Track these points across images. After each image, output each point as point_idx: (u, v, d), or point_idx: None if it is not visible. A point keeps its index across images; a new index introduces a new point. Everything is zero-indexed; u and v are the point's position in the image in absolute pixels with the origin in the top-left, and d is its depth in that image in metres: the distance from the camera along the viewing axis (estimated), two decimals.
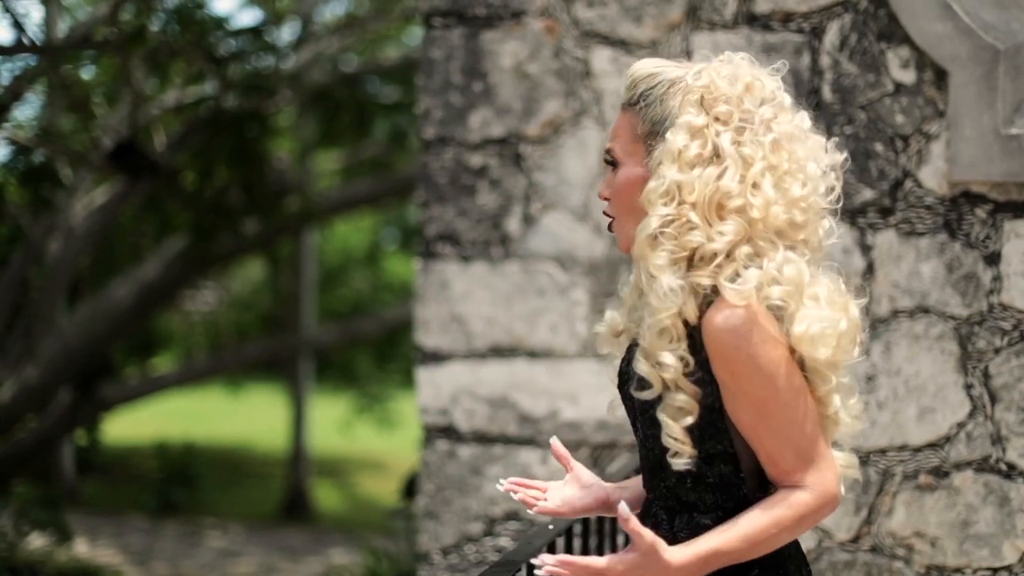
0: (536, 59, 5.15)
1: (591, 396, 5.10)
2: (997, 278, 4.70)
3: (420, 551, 5.30)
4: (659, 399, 2.58)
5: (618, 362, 2.83)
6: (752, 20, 4.93)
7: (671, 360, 2.55)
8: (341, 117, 9.78)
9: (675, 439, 2.56)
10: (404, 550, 8.57)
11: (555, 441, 2.84)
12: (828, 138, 2.69)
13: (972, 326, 4.71)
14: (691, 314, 2.53)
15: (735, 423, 2.56)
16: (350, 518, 14.38)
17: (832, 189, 2.64)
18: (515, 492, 2.85)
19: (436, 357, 5.24)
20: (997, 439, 4.70)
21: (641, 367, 2.60)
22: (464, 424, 5.22)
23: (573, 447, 5.12)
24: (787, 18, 4.90)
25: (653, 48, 5.04)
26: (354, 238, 16.04)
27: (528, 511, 5.09)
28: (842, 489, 2.62)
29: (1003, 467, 4.71)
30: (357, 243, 16.03)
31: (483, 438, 5.20)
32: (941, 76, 4.72)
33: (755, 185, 2.54)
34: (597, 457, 5.10)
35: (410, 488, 8.99)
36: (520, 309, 5.16)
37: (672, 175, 2.56)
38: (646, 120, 2.65)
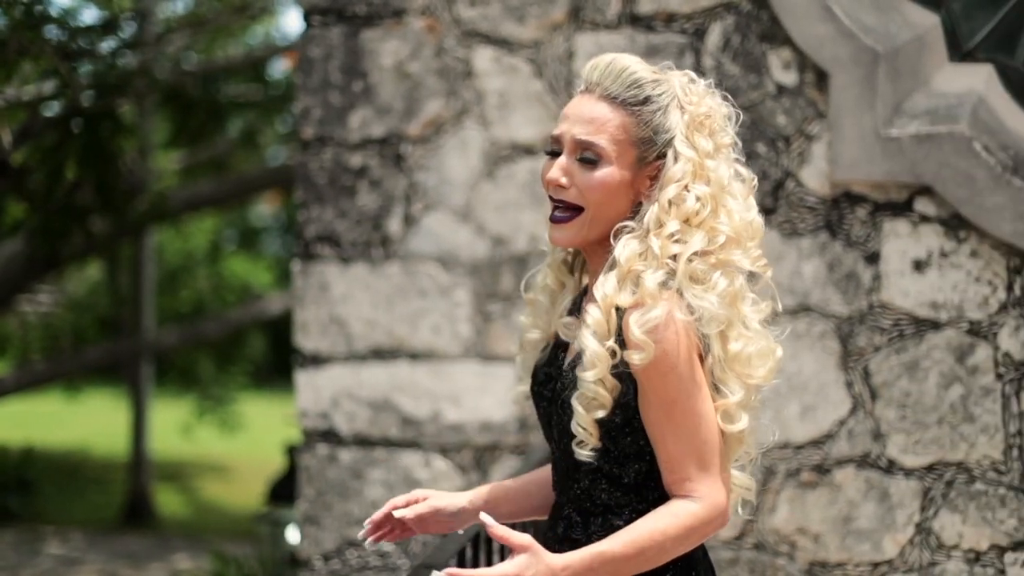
0: (417, 58, 5.09)
1: (474, 398, 5.07)
2: (877, 277, 4.78)
3: (300, 557, 5.21)
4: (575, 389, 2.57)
5: (531, 363, 2.80)
6: (635, 21, 4.94)
7: (594, 334, 2.55)
8: (194, 115, 9.60)
9: (583, 428, 2.55)
10: (269, 555, 8.44)
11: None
12: None
13: (853, 324, 4.78)
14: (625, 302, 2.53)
15: (644, 422, 2.55)
16: (194, 523, 14.13)
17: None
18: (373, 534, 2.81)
19: (316, 360, 5.16)
20: (877, 435, 4.78)
21: (590, 344, 2.56)
22: (345, 427, 5.15)
23: (456, 449, 5.09)
24: (670, 19, 4.92)
25: (535, 48, 5.02)
26: (194, 239, 15.78)
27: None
28: (734, 508, 2.65)
29: (883, 463, 4.79)
30: (197, 244, 15.77)
31: (365, 441, 5.13)
32: (822, 78, 4.79)
33: (749, 207, 2.62)
34: (480, 459, 5.07)
35: (276, 492, 8.85)
36: (401, 310, 5.11)
37: (711, 196, 2.57)
38: (648, 126, 2.61)
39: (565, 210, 2.64)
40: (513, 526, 2.78)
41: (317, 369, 5.16)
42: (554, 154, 2.68)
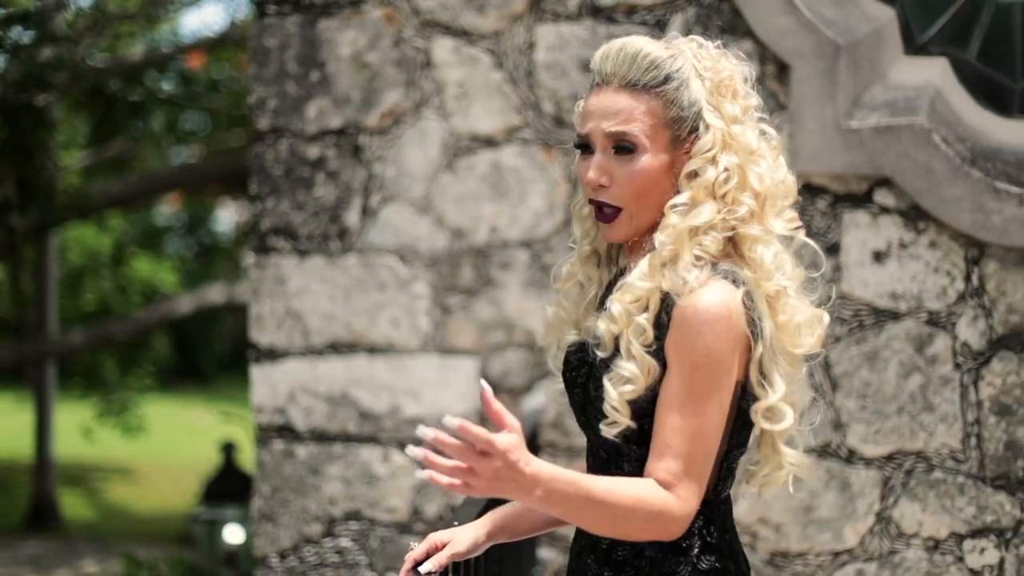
0: (376, 48, 5.04)
1: (434, 392, 5.03)
2: (837, 268, 4.81)
3: (256, 555, 5.14)
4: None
5: (562, 354, 2.76)
6: (596, 12, 4.94)
7: (619, 311, 2.50)
8: (113, 111, 9.43)
9: (613, 407, 2.50)
10: (205, 557, 8.32)
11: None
12: None
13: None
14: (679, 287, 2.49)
15: (658, 404, 2.50)
16: (100, 527, 13.93)
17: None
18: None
19: (272, 354, 5.09)
20: (838, 425, 4.81)
21: (600, 325, 2.54)
22: (301, 423, 5.08)
23: (415, 443, 5.04)
24: (631, 10, 4.92)
25: (495, 39, 5.00)
26: (98, 239, 15.53)
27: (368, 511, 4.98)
28: (786, 486, 2.64)
29: (844, 453, 4.82)
30: (101, 244, 15.52)
31: (322, 437, 5.07)
32: (783, 70, 4.81)
33: (779, 167, 2.59)
34: (440, 454, 5.02)
35: (209, 491, 8.73)
36: (360, 304, 5.05)
37: (737, 165, 2.52)
38: (675, 104, 2.55)
39: (609, 207, 2.60)
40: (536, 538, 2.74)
41: (273, 363, 5.08)
42: (584, 150, 2.62)
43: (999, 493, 4.76)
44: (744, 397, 2.53)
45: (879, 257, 4.80)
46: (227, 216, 20.29)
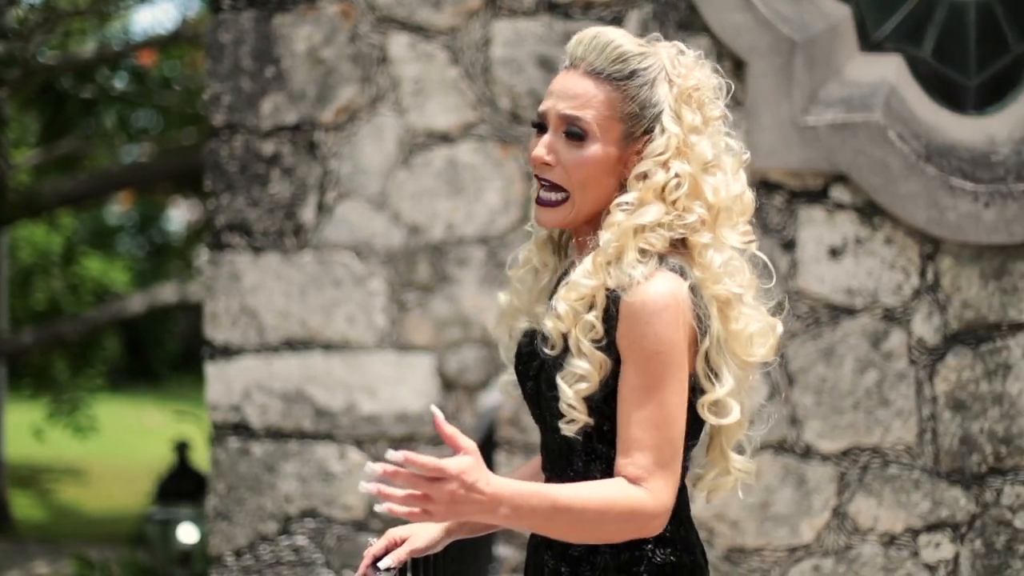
0: (331, 44, 5.02)
1: (390, 388, 5.01)
2: (793, 264, 4.82)
3: (211, 553, 5.10)
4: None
5: (515, 345, 2.74)
6: (553, 8, 4.93)
7: (565, 310, 2.49)
8: (67, 108, 9.35)
9: (569, 405, 2.48)
10: (158, 557, 8.26)
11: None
12: None
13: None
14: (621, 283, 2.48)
15: (619, 400, 2.48)
16: (51, 528, 13.82)
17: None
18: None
19: (226, 351, 5.05)
20: (794, 421, 4.83)
21: (547, 323, 2.53)
22: (257, 420, 5.05)
23: (371, 441, 5.02)
24: (588, 6, 4.92)
25: (451, 35, 4.98)
26: (48, 237, 15.40)
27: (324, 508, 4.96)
28: (735, 492, 2.61)
29: (800, 448, 4.84)
30: (51, 243, 15.39)
31: (277, 434, 5.04)
32: (739, 66, 4.82)
33: (737, 181, 2.56)
34: (396, 450, 5.00)
35: (163, 491, 8.66)
36: (315, 301, 5.03)
37: (689, 174, 2.51)
38: (635, 100, 2.52)
39: (551, 190, 2.58)
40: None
41: (228, 361, 5.05)
42: (541, 129, 2.62)
43: (954, 488, 4.78)
44: (692, 390, 2.52)
45: (835, 253, 4.82)
46: (179, 215, 20.16)
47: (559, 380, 2.50)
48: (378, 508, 2.24)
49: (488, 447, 4.46)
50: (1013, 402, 4.75)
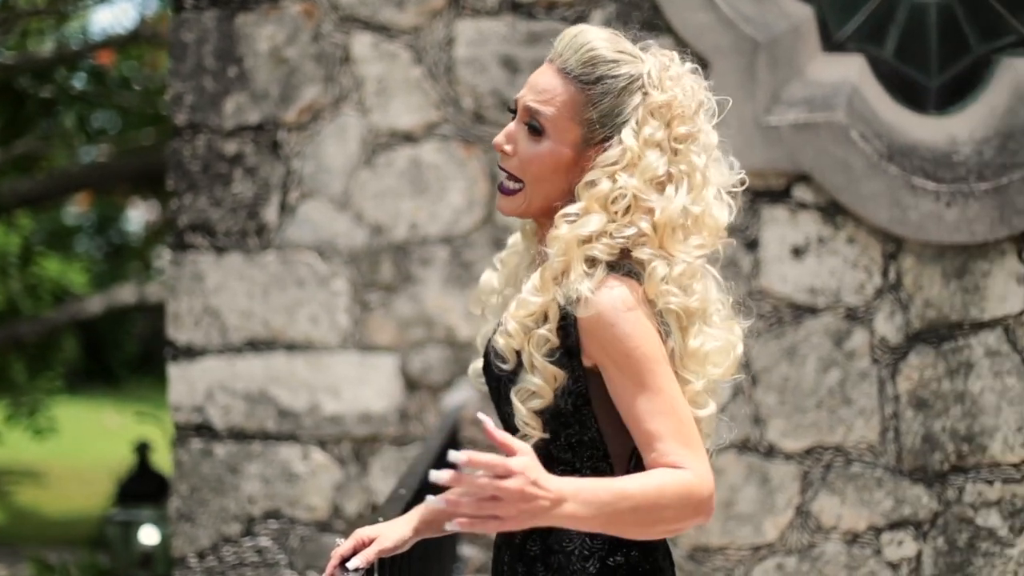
0: (294, 43, 5.00)
1: (353, 389, 4.99)
2: (756, 264, 4.83)
3: (174, 555, 5.07)
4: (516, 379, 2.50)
5: (487, 329, 2.73)
6: (516, 8, 4.93)
7: (515, 328, 2.47)
8: (26, 108, 9.29)
9: (524, 422, 2.46)
10: (119, 559, 8.21)
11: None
12: None
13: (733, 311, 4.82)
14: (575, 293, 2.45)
15: (618, 409, 2.46)
16: (9, 530, 13.72)
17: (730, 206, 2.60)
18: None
19: (189, 352, 5.02)
20: (757, 420, 4.84)
21: (498, 340, 2.51)
22: (220, 421, 5.02)
23: (334, 441, 5.00)
24: (551, 6, 4.92)
25: (415, 34, 4.97)
26: (6, 238, 15.27)
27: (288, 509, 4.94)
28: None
29: (763, 447, 4.85)
30: (9, 243, 15.26)
31: (240, 435, 5.02)
32: (703, 66, 4.79)
33: (695, 200, 2.50)
34: (359, 451, 5.00)
35: (123, 493, 8.60)
36: (278, 301, 5.01)
37: (634, 188, 2.47)
38: (596, 107, 2.48)
39: (510, 179, 2.56)
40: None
41: (190, 362, 5.02)
42: (515, 116, 2.60)
43: (916, 486, 4.81)
44: None
45: (798, 253, 4.84)
46: (137, 216, 20.04)
47: (513, 397, 2.49)
48: (449, 527, 2.15)
49: (452, 447, 4.45)
50: (975, 400, 4.78)
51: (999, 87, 4.94)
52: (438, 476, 2.11)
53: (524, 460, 2.17)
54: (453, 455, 2.11)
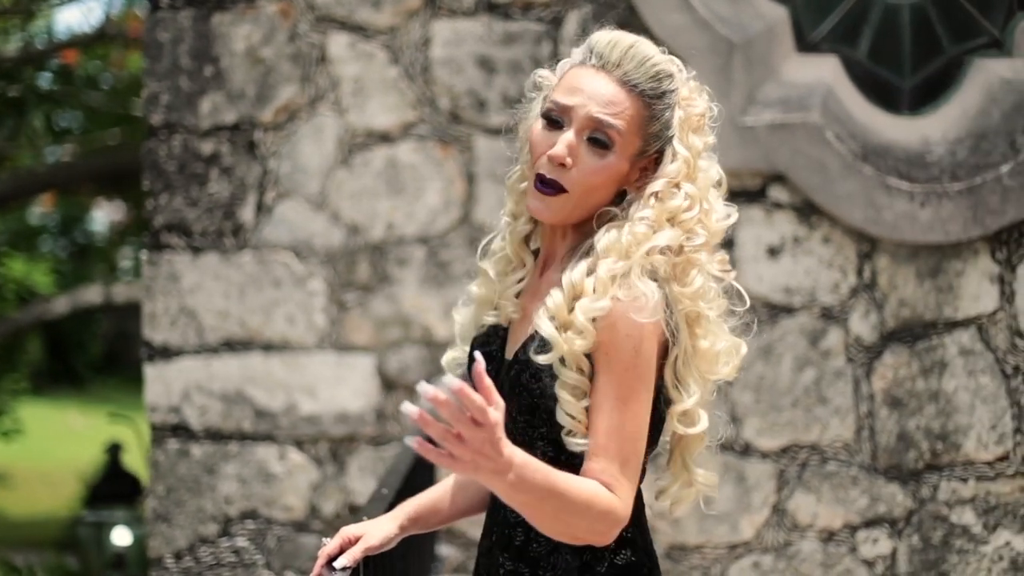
0: (270, 43, 4.99)
1: (330, 389, 4.99)
2: (732, 263, 4.84)
3: (150, 556, 5.06)
4: (551, 378, 2.50)
5: (470, 332, 2.72)
6: (492, 8, 4.94)
7: (584, 325, 2.47)
8: None
9: (572, 416, 2.47)
10: (92, 560, 8.18)
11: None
12: None
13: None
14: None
15: (590, 403, 2.48)
16: None
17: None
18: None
19: (165, 353, 5.01)
20: (733, 419, 4.86)
21: (546, 328, 2.49)
22: (196, 422, 5.01)
23: (311, 441, 5.00)
24: (527, 7, 4.93)
25: (391, 34, 4.97)
26: None
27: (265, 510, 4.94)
28: (698, 504, 2.63)
29: (739, 446, 4.87)
30: None
31: (217, 435, 5.01)
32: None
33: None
34: (336, 451, 5.00)
35: (95, 494, 8.57)
36: (255, 301, 5.00)
37: (700, 198, 2.51)
38: (658, 121, 2.50)
39: (550, 184, 2.55)
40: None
41: (166, 362, 5.01)
42: (551, 122, 2.53)
43: (891, 484, 4.84)
44: (658, 399, 2.52)
45: (773, 252, 4.86)
46: (102, 216, 19.95)
47: (560, 391, 2.48)
48: (408, 440, 2.17)
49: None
50: (949, 399, 4.82)
51: (971, 88, 4.98)
52: (425, 390, 2.11)
53: (497, 416, 2.19)
54: (449, 378, 2.13)
